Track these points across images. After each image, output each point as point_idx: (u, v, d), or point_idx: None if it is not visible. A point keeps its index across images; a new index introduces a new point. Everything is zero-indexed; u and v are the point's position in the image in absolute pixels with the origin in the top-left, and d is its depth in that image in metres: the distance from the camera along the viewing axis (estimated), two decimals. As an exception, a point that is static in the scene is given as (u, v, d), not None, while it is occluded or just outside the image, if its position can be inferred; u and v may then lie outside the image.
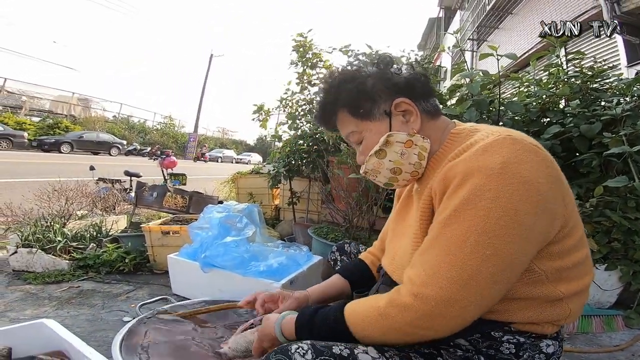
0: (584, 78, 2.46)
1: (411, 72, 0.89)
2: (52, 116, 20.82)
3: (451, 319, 0.65)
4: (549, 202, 0.66)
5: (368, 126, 0.87)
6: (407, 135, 0.84)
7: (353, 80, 0.87)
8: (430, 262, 0.68)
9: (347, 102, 0.88)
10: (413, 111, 0.85)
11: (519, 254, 0.65)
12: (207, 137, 32.12)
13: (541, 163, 0.67)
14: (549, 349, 0.76)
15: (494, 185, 0.64)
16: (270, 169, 3.50)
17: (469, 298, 0.64)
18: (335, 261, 1.31)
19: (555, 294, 0.72)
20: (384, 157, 0.86)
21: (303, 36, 3.43)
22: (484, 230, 0.63)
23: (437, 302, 0.64)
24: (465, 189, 0.66)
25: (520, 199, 0.63)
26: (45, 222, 2.63)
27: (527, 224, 0.64)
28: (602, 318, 1.82)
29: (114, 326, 1.63)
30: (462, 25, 12.96)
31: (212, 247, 1.80)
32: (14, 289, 2.00)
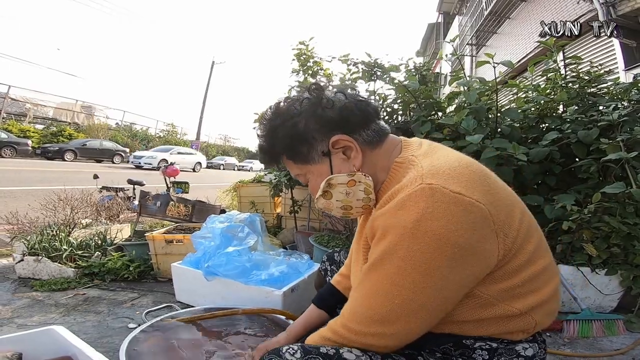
0: (582, 83, 2.48)
1: (344, 100, 0.84)
2: (55, 124, 20.92)
3: (380, 347, 0.73)
4: (472, 248, 0.66)
5: (310, 169, 0.87)
6: (347, 176, 0.82)
7: (284, 124, 0.84)
8: (355, 301, 0.76)
9: (283, 148, 0.87)
10: (352, 146, 0.82)
11: (433, 300, 0.69)
12: (209, 145, 32.20)
13: (461, 212, 0.66)
14: (527, 351, 0.76)
15: (405, 244, 0.67)
16: (272, 178, 3.53)
17: (387, 333, 0.71)
18: (326, 271, 1.31)
19: (511, 311, 0.73)
20: (330, 197, 0.85)
21: (304, 44, 3.44)
22: (393, 283, 0.69)
23: (360, 334, 0.73)
24: (383, 245, 0.70)
25: (432, 256, 0.65)
26: (51, 231, 2.68)
27: (440, 276, 0.67)
28: (603, 322, 1.82)
29: (119, 333, 1.66)
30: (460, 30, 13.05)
31: (214, 257, 1.84)
32: (21, 296, 2.04)
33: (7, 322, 1.73)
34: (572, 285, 1.94)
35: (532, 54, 7.56)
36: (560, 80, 2.58)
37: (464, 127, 2.19)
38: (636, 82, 2.41)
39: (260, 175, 4.36)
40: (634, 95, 2.36)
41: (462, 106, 2.36)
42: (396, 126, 2.81)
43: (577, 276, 1.96)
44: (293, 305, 1.68)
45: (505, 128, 2.34)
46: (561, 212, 1.98)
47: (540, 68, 2.97)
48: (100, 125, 23.26)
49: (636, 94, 2.36)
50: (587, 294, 1.97)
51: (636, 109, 2.22)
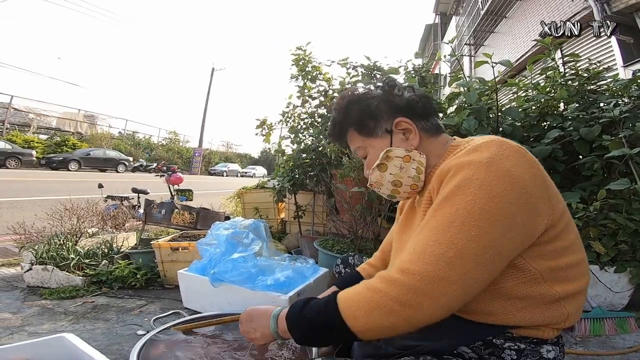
0: (581, 80, 2.49)
1: (412, 94, 0.96)
2: (59, 133, 21.06)
3: (436, 298, 0.66)
4: (533, 197, 0.71)
5: (372, 143, 0.97)
6: (405, 151, 0.92)
7: (359, 102, 0.97)
8: (420, 242, 0.71)
9: (354, 121, 0.98)
10: (412, 129, 0.93)
11: (502, 239, 0.68)
12: (211, 152, 32.29)
13: (526, 162, 0.73)
14: (549, 354, 0.78)
15: (481, 175, 0.70)
16: (275, 184, 3.55)
17: (453, 276, 0.66)
18: (340, 273, 1.36)
19: (551, 293, 0.75)
20: (385, 170, 0.95)
21: (302, 49, 3.46)
22: (470, 212, 0.68)
23: (423, 277, 0.66)
24: (456, 179, 0.73)
25: (505, 189, 0.68)
26: (58, 240, 2.71)
27: (510, 212, 0.68)
28: (615, 320, 1.81)
29: (128, 339, 1.67)
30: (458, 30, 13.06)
31: (220, 264, 1.85)
32: (31, 304, 2.06)
33: (18, 330, 1.75)
34: (581, 283, 1.93)
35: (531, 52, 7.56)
36: (559, 78, 2.58)
37: (465, 128, 2.19)
38: (636, 78, 2.41)
39: (264, 181, 4.37)
40: (634, 91, 2.35)
41: (463, 107, 2.36)
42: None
43: (586, 274, 1.95)
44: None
45: (506, 127, 2.34)
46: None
47: (539, 66, 2.97)
48: (104, 135, 23.41)
49: (636, 90, 2.35)
50: (597, 292, 1.95)
51: (637, 104, 2.22)
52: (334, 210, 2.88)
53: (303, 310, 0.79)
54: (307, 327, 0.78)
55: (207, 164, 29.12)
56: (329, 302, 0.76)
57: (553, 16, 7.04)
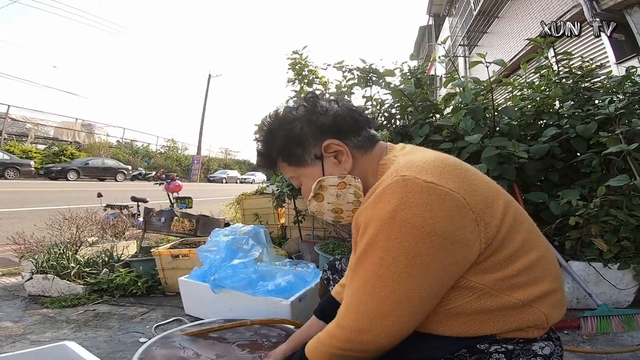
0: (575, 78, 2.50)
1: (337, 108, 0.90)
2: (57, 143, 21.07)
3: (369, 343, 0.72)
4: (450, 236, 0.67)
5: (303, 172, 0.92)
6: (338, 178, 0.87)
7: (282, 128, 0.90)
8: (348, 298, 0.76)
9: (280, 151, 0.92)
10: (343, 151, 0.87)
11: (418, 291, 0.69)
12: (210, 159, 32.29)
13: (435, 201, 0.67)
14: (544, 350, 0.75)
15: (384, 235, 0.69)
16: (274, 189, 3.54)
17: (377, 328, 0.71)
18: (328, 280, 1.31)
19: (512, 302, 0.72)
20: (322, 200, 0.91)
21: (298, 53, 3.46)
22: (378, 275, 0.70)
23: (352, 330, 0.73)
24: (365, 239, 0.72)
25: (410, 244, 0.67)
26: (58, 250, 2.71)
27: (422, 264, 0.67)
28: (622, 318, 1.79)
29: (131, 347, 1.66)
30: (451, 31, 13.13)
31: (220, 270, 1.84)
32: (32, 313, 2.06)
33: (20, 338, 1.75)
34: (585, 281, 1.92)
35: (524, 51, 7.61)
36: (553, 77, 2.59)
37: (462, 128, 2.20)
38: (629, 74, 2.43)
39: (263, 187, 4.37)
40: (629, 87, 2.37)
41: (459, 107, 2.37)
42: (395, 131, 2.83)
43: (590, 272, 1.95)
44: (302, 315, 1.68)
45: (503, 127, 2.35)
46: (567, 207, 1.97)
47: (532, 65, 2.99)
48: (102, 144, 23.40)
49: (630, 87, 2.37)
50: (601, 289, 1.95)
51: (632, 101, 2.24)
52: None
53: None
54: None
55: (206, 171, 29.11)
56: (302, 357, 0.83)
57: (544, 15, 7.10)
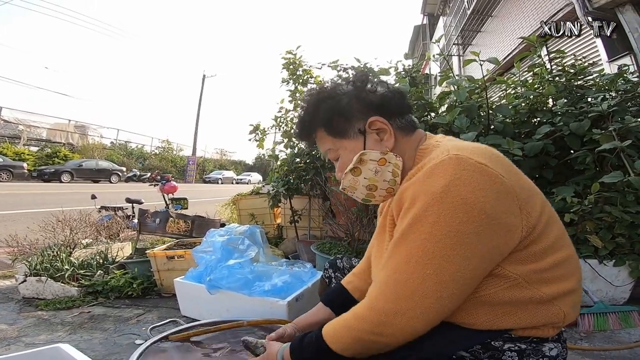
0: (568, 76, 2.51)
1: (386, 90, 0.91)
2: (50, 145, 20.90)
3: (402, 327, 0.71)
4: (497, 218, 0.68)
5: (343, 144, 0.91)
6: (380, 154, 0.87)
7: (329, 99, 0.90)
8: (383, 278, 0.74)
9: (323, 120, 0.91)
10: (387, 129, 0.88)
11: (463, 271, 0.68)
12: (205, 159, 32.18)
13: (486, 181, 0.69)
14: (552, 352, 0.77)
15: (435, 209, 0.68)
16: (270, 189, 3.54)
17: (414, 311, 0.69)
18: (330, 279, 1.31)
19: (539, 296, 0.73)
20: (359, 174, 0.89)
21: (292, 53, 3.46)
22: (425, 251, 0.69)
23: (386, 313, 0.71)
24: (412, 213, 0.71)
25: (461, 221, 0.67)
26: (51, 252, 2.68)
27: (469, 243, 0.67)
28: (618, 314, 1.79)
29: (127, 349, 1.66)
30: (446, 30, 13.18)
31: (216, 270, 1.84)
32: (27, 315, 2.05)
33: (15, 341, 1.74)
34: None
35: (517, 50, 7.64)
36: (546, 75, 2.60)
37: (457, 126, 2.20)
38: (621, 72, 2.44)
39: (259, 187, 4.36)
40: (621, 85, 2.38)
41: (454, 105, 2.38)
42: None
43: (585, 269, 1.95)
44: (298, 315, 1.67)
45: (497, 124, 2.36)
46: (562, 204, 1.98)
47: (526, 64, 3.01)
48: (95, 145, 23.27)
49: (623, 84, 2.39)
50: (597, 286, 1.95)
51: (625, 98, 2.26)
52: (330, 214, 2.87)
53: (303, 354, 0.84)
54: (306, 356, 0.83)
55: (202, 172, 29.02)
56: (319, 340, 0.81)
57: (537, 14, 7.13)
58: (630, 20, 4.98)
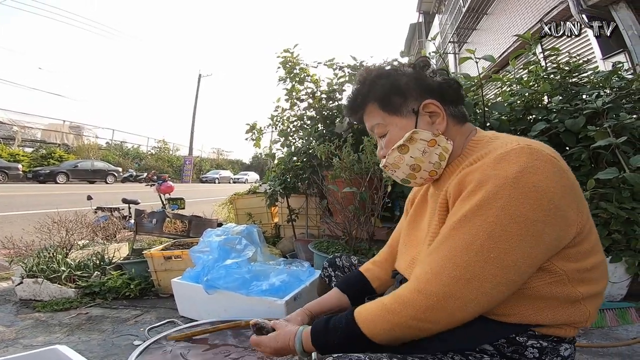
0: (562, 74, 2.52)
1: (445, 77, 0.92)
2: (45, 146, 20.77)
3: (452, 312, 0.69)
4: (562, 210, 0.69)
5: (394, 121, 0.90)
6: (431, 135, 0.87)
7: (388, 77, 0.91)
8: (437, 261, 0.72)
9: (378, 95, 0.91)
10: (440, 113, 0.88)
11: (525, 258, 0.68)
12: (202, 159, 32.09)
13: (556, 173, 0.70)
14: (566, 352, 0.79)
15: (506, 193, 0.67)
16: (267, 188, 3.53)
17: (469, 296, 0.68)
18: (330, 277, 1.30)
19: (575, 294, 0.74)
20: (406, 152, 0.89)
21: (289, 52, 3.45)
22: (491, 235, 0.67)
23: (439, 297, 0.69)
24: (479, 195, 0.70)
25: (531, 207, 0.66)
26: (48, 253, 2.68)
27: (536, 231, 0.67)
28: (616, 311, 1.82)
29: (125, 350, 1.65)
30: (441, 28, 13.19)
31: (213, 270, 1.84)
32: (24, 317, 2.04)
33: (13, 342, 1.73)
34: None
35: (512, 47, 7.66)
36: (541, 72, 2.61)
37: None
38: (616, 69, 2.45)
39: (255, 187, 4.36)
40: (615, 82, 2.39)
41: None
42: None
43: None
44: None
45: (493, 122, 2.36)
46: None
47: (521, 61, 3.01)
48: (90, 146, 23.14)
49: (617, 82, 2.39)
50: (594, 283, 1.96)
51: (619, 95, 2.26)
52: (327, 212, 2.87)
53: (328, 337, 0.82)
54: (339, 348, 0.79)
55: (198, 172, 28.93)
56: (350, 323, 0.79)
57: (532, 11, 7.16)
58: (625, 18, 5.01)
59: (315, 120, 3.46)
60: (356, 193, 2.33)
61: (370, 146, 2.36)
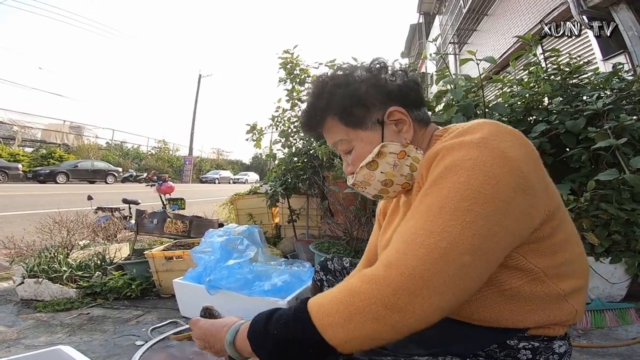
0: (563, 75, 2.52)
1: (405, 79, 0.85)
2: (45, 146, 20.78)
3: (428, 297, 0.55)
4: (530, 181, 0.64)
5: (359, 135, 0.84)
6: (400, 146, 0.82)
7: (347, 86, 0.83)
8: (407, 231, 0.62)
9: (338, 108, 0.83)
10: (406, 120, 0.82)
11: (500, 226, 0.60)
12: (202, 159, 32.10)
13: (523, 144, 0.67)
14: (560, 349, 0.77)
15: (474, 154, 0.62)
16: (268, 189, 3.54)
17: (449, 271, 0.56)
18: (322, 281, 1.25)
19: (557, 291, 0.72)
20: (376, 168, 0.83)
21: (289, 52, 3.46)
22: (464, 196, 0.60)
23: (413, 273, 0.56)
24: (446, 161, 0.65)
25: (501, 171, 0.61)
26: (49, 253, 2.68)
27: (507, 197, 0.61)
28: (615, 312, 1.82)
29: (127, 350, 1.65)
30: (442, 29, 13.19)
31: (215, 271, 1.84)
32: (26, 317, 2.04)
33: (15, 343, 1.73)
34: (578, 276, 1.93)
35: (513, 48, 7.67)
36: (542, 73, 2.60)
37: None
38: (616, 70, 2.45)
39: (256, 187, 4.36)
40: (616, 83, 2.39)
41: (450, 104, 2.38)
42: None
43: (582, 266, 1.96)
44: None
45: (494, 123, 2.36)
46: (558, 202, 1.99)
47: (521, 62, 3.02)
48: (91, 146, 23.15)
49: (617, 83, 2.39)
50: (594, 284, 1.95)
51: (619, 97, 2.27)
52: (328, 213, 2.87)
53: (268, 326, 0.65)
54: (275, 346, 0.63)
55: (198, 172, 28.95)
56: (298, 310, 0.63)
57: (532, 13, 7.16)
58: (625, 19, 5.00)
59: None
60: (358, 193, 2.33)
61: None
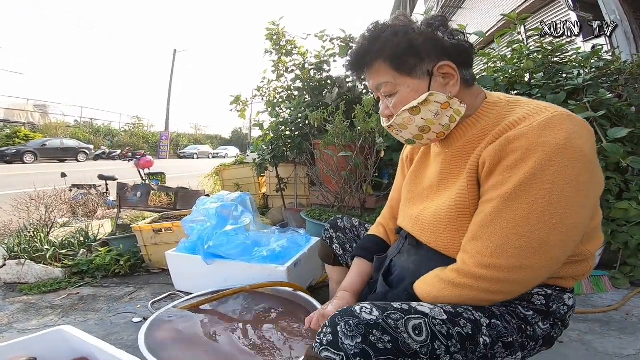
0: (545, 53, 2.61)
1: (461, 38, 0.89)
2: (9, 125, 19.79)
3: (524, 282, 0.73)
4: (598, 170, 0.73)
5: (406, 81, 0.87)
6: (446, 97, 0.86)
7: (405, 35, 0.86)
8: (498, 234, 0.72)
9: (390, 54, 0.86)
10: (455, 76, 0.86)
11: (581, 219, 0.71)
12: (179, 134, 31.32)
13: (591, 136, 0.74)
14: (570, 301, 0.85)
15: (558, 159, 0.69)
16: (255, 158, 3.48)
17: (539, 263, 0.70)
18: (331, 239, 1.29)
19: (585, 253, 0.81)
20: (417, 114, 0.87)
21: (275, 24, 3.42)
22: (550, 201, 0.69)
23: (510, 269, 0.71)
24: (529, 165, 0.70)
25: (580, 170, 0.69)
26: (28, 232, 2.55)
27: (586, 191, 0.70)
28: (590, 279, 1.92)
29: (125, 328, 1.62)
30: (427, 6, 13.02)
31: (214, 237, 1.79)
32: (12, 301, 1.95)
33: (6, 328, 1.66)
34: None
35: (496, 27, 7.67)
36: (525, 51, 2.69)
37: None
38: (596, 50, 2.56)
39: (242, 157, 4.28)
40: (595, 62, 2.51)
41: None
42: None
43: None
44: (297, 280, 1.67)
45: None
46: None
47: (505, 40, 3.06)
48: (58, 124, 22.18)
49: (596, 62, 2.52)
50: (569, 252, 2.03)
51: (598, 74, 2.39)
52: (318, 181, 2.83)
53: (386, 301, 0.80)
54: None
55: (176, 147, 28.28)
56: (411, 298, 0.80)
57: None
58: (608, 2, 5.06)
59: (302, 92, 3.46)
60: (349, 158, 2.30)
61: (362, 114, 2.35)
